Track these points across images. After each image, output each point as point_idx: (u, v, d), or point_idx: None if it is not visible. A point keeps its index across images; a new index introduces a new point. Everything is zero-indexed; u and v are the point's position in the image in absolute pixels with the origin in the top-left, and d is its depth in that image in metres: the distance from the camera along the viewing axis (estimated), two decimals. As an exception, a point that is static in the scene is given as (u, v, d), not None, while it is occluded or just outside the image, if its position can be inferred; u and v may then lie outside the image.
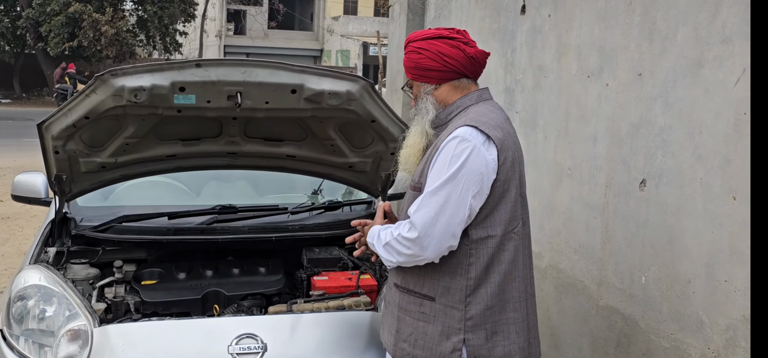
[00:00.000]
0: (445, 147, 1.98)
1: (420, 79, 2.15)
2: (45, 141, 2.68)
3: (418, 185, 2.06)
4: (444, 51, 2.09)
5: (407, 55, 2.16)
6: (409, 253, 2.00)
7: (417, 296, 2.08)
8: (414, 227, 1.96)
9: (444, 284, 2.03)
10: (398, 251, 2.03)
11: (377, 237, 2.15)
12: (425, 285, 2.06)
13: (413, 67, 2.15)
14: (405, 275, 2.11)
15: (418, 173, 2.09)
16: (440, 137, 2.04)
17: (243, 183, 3.79)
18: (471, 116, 2.02)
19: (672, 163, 2.57)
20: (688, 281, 2.49)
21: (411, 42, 2.16)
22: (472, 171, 1.94)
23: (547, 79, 3.46)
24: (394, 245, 2.04)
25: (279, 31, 37.39)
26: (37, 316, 2.46)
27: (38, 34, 23.57)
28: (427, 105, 2.13)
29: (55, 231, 3.02)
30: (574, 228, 3.23)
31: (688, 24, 2.48)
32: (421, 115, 2.14)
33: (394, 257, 2.06)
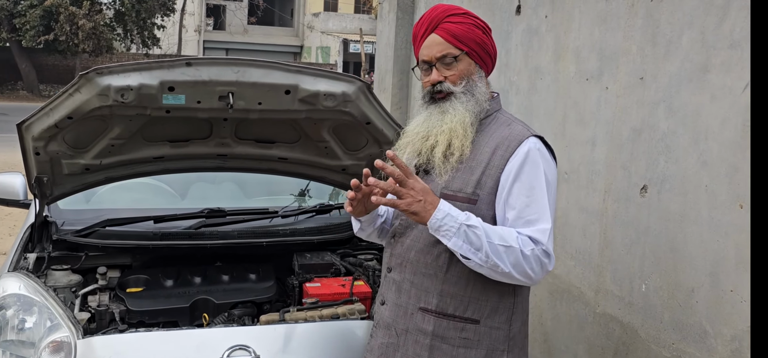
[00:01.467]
0: (527, 160, 1.81)
1: (478, 60, 1.91)
2: (25, 142, 2.55)
3: (474, 196, 1.84)
4: (497, 49, 2.00)
5: (468, 26, 1.88)
6: (533, 275, 1.78)
7: (459, 321, 1.88)
8: (550, 254, 1.80)
9: (492, 305, 1.88)
10: (521, 266, 1.75)
11: (480, 223, 1.76)
12: (470, 307, 1.87)
13: (478, 42, 1.89)
14: (442, 298, 1.88)
15: (468, 183, 1.85)
16: (497, 144, 1.86)
17: (230, 185, 3.69)
18: (522, 125, 1.91)
19: (675, 170, 2.52)
20: (691, 289, 2.44)
21: (470, 15, 1.92)
22: (555, 182, 1.88)
23: (543, 82, 3.40)
24: (523, 258, 1.75)
25: (259, 27, 37.14)
26: (17, 327, 2.34)
27: (12, 26, 23.09)
28: (485, 91, 1.92)
29: (35, 236, 2.89)
30: (571, 233, 3.18)
31: (694, 27, 2.43)
32: (474, 102, 1.87)
33: (507, 267, 1.75)
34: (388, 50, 5.37)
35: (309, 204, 3.53)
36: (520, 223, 1.81)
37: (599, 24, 2.96)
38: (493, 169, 1.84)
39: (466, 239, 1.75)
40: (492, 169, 1.84)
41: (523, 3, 3.60)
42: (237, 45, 34.54)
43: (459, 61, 1.88)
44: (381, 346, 2.00)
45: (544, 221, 1.80)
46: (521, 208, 1.80)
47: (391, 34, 5.30)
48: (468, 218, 1.77)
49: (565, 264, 3.23)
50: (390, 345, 1.97)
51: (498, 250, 1.74)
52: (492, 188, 1.84)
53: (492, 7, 3.90)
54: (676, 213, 2.51)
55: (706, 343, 2.38)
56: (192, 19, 33.75)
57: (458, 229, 1.75)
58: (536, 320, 3.45)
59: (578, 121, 3.11)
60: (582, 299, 3.11)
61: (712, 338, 2.36)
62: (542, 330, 3.43)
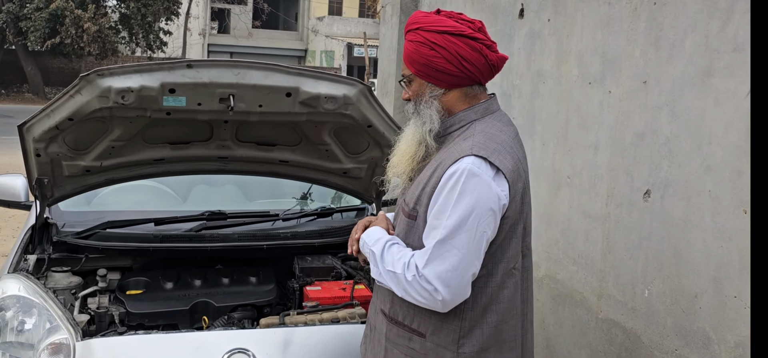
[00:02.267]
0: (449, 181, 1.72)
1: (428, 79, 1.83)
2: (26, 143, 2.55)
3: (414, 212, 1.83)
4: (464, 54, 1.78)
5: (414, 45, 1.82)
6: (423, 301, 1.75)
7: (406, 330, 1.86)
8: (430, 281, 1.71)
9: (435, 323, 1.81)
10: (409, 293, 1.76)
11: (382, 253, 1.85)
12: (415, 319, 1.84)
13: (422, 63, 1.81)
14: (393, 304, 1.88)
15: (412, 198, 1.85)
16: (440, 162, 1.79)
17: (231, 188, 3.68)
18: (477, 140, 1.76)
19: (678, 174, 2.50)
20: (694, 295, 2.42)
21: (421, 30, 1.81)
22: (484, 211, 1.70)
23: (545, 85, 3.39)
24: (406, 283, 1.75)
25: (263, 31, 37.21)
26: (16, 328, 2.33)
27: (18, 29, 23.17)
28: (432, 112, 1.83)
29: (36, 237, 2.89)
30: (573, 238, 3.16)
31: (698, 31, 2.41)
32: (421, 122, 1.85)
33: (400, 292, 1.79)
34: (391, 54, 5.36)
35: (310, 207, 3.52)
36: (424, 243, 1.79)
37: (602, 27, 2.95)
38: (429, 187, 1.79)
39: (374, 264, 1.89)
40: (428, 186, 1.79)
41: (525, 6, 3.58)
42: (241, 48, 34.61)
43: (412, 81, 1.88)
44: (364, 336, 2.12)
45: (429, 242, 1.74)
46: (428, 230, 1.77)
47: (393, 37, 5.30)
48: (375, 243, 1.89)
49: (568, 269, 3.21)
50: (367, 337, 2.08)
51: (389, 275, 1.82)
52: (426, 206, 1.79)
53: (495, 11, 3.89)
54: (679, 218, 2.49)
55: (709, 349, 2.36)
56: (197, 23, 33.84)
57: (369, 254, 1.92)
58: (538, 325, 3.43)
59: (581, 125, 3.10)
60: (584, 304, 3.08)
61: (715, 345, 2.34)
62: (544, 335, 3.41)
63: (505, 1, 3.79)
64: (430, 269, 1.72)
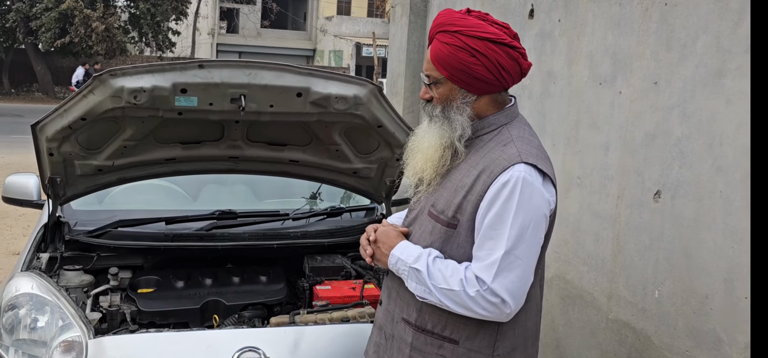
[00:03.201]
0: (504, 189, 1.68)
1: (462, 85, 1.76)
2: (39, 142, 2.57)
3: (454, 220, 1.76)
4: (503, 63, 1.73)
5: (450, 49, 1.73)
6: (486, 314, 1.70)
7: (436, 338, 1.81)
8: (498, 294, 1.68)
9: (472, 328, 1.78)
10: (470, 308, 1.70)
11: (428, 270, 1.74)
12: (448, 327, 1.79)
13: (460, 69, 1.74)
14: (422, 313, 1.82)
15: (449, 205, 1.77)
16: (483, 168, 1.73)
17: (242, 187, 3.69)
18: (520, 147, 1.74)
19: (689, 175, 2.50)
20: (705, 296, 2.42)
21: (459, 33, 1.73)
22: (539, 218, 1.70)
23: (556, 86, 3.38)
24: (468, 299, 1.69)
25: (272, 31, 37.29)
26: (29, 326, 2.35)
27: (28, 28, 23.32)
28: (464, 119, 1.77)
29: (48, 236, 2.91)
30: (583, 239, 3.16)
31: (709, 32, 2.40)
32: (450, 128, 1.78)
33: (456, 308, 1.72)
34: (401, 54, 5.37)
35: (320, 207, 3.53)
36: (478, 254, 1.73)
37: (613, 28, 2.94)
38: (474, 195, 1.73)
39: (418, 281, 1.77)
40: (473, 195, 1.74)
41: (536, 7, 3.58)
42: (250, 48, 34.70)
43: (441, 84, 1.79)
44: (375, 344, 2.02)
45: (495, 253, 1.68)
46: (482, 240, 1.71)
47: (403, 37, 5.30)
48: (416, 260, 1.77)
49: (578, 269, 3.21)
50: (381, 345, 1.98)
51: (443, 293, 1.73)
52: (471, 215, 1.74)
53: (505, 11, 3.89)
54: (690, 219, 2.49)
55: (720, 351, 2.35)
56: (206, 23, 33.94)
57: (409, 272, 1.79)
58: (548, 326, 3.42)
59: (591, 125, 3.09)
60: (594, 304, 3.08)
61: (726, 346, 2.33)
62: (554, 336, 3.41)
63: (515, 1, 3.79)
64: (498, 283, 1.68)
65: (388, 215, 3.31)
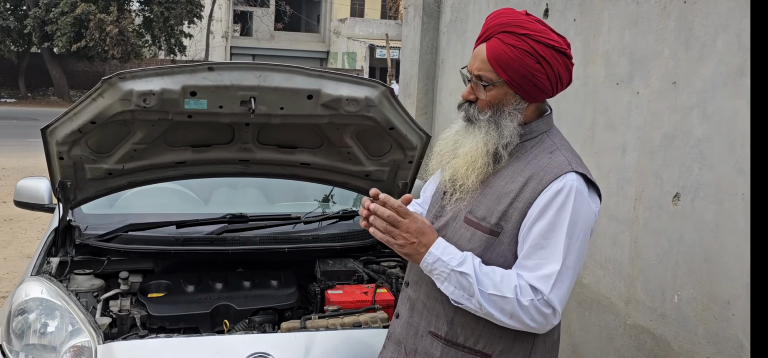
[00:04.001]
0: (556, 198, 1.64)
1: (518, 92, 1.68)
2: (49, 146, 2.56)
3: (497, 228, 1.69)
4: (562, 74, 1.69)
5: (516, 52, 1.64)
6: (533, 325, 1.64)
7: (468, 352, 1.75)
8: (554, 306, 1.63)
9: (506, 343, 1.73)
10: (518, 317, 1.63)
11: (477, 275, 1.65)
12: (481, 340, 1.74)
13: (523, 75, 1.65)
14: (453, 326, 1.76)
15: (492, 213, 1.71)
16: (531, 175, 1.68)
17: (253, 190, 3.67)
18: (568, 155, 1.71)
19: (710, 177, 2.43)
20: (727, 301, 2.35)
21: (527, 37, 1.64)
22: (587, 229, 1.67)
23: (571, 86, 3.30)
24: (519, 308, 1.62)
25: (285, 33, 37.37)
26: (39, 331, 2.34)
27: (44, 33, 23.55)
28: (514, 126, 1.70)
29: (59, 240, 2.90)
30: (600, 242, 3.10)
31: (730, 30, 2.34)
32: (497, 133, 1.70)
33: (501, 316, 1.64)
34: (414, 55, 5.32)
35: (332, 210, 3.49)
36: (528, 264, 1.66)
37: (630, 27, 2.88)
38: (521, 202, 1.68)
39: (458, 285, 1.67)
40: (520, 202, 1.68)
41: (550, 6, 3.52)
42: (264, 51, 34.80)
43: (495, 86, 1.69)
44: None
45: (551, 265, 1.62)
46: (533, 249, 1.65)
47: (416, 39, 5.26)
48: (461, 264, 1.66)
49: (594, 273, 3.15)
50: None
51: (491, 299, 1.64)
52: (517, 222, 1.68)
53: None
54: (711, 222, 2.42)
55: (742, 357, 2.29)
56: (219, 26, 34.11)
57: (449, 275, 1.67)
58: (564, 331, 3.36)
59: (608, 126, 3.03)
60: (612, 309, 3.02)
61: (748, 353, 2.26)
62: (570, 341, 3.35)
63: (529, 1, 3.73)
64: (555, 294, 1.62)
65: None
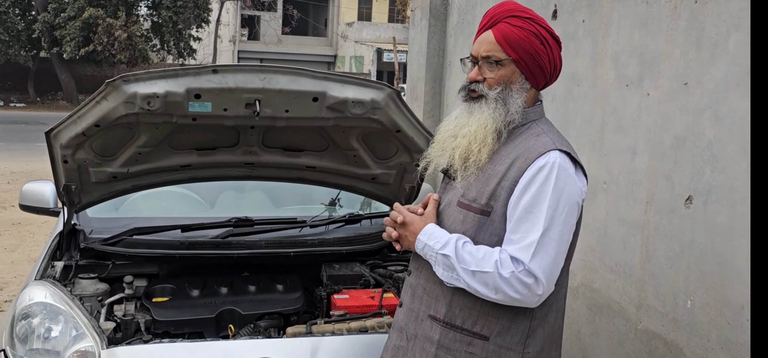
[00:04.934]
0: (539, 173, 1.70)
1: (524, 71, 1.78)
2: (53, 150, 2.54)
3: (487, 208, 1.76)
4: (558, 63, 1.83)
5: (524, 33, 1.75)
6: (517, 297, 1.69)
7: (466, 334, 1.79)
8: (535, 275, 1.67)
9: (503, 323, 1.77)
10: (502, 289, 1.69)
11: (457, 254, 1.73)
12: (478, 322, 1.78)
13: (531, 54, 1.76)
14: (451, 308, 1.80)
15: (482, 193, 1.77)
16: (517, 156, 1.76)
17: (259, 194, 3.64)
18: (553, 137, 1.78)
19: (722, 180, 2.39)
20: (741, 306, 2.30)
21: (533, 21, 1.78)
22: (572, 204, 1.73)
23: (580, 88, 3.29)
24: (500, 281, 1.68)
25: (293, 37, 37.44)
26: (43, 335, 2.32)
27: (53, 37, 23.67)
28: (519, 104, 1.78)
29: (63, 244, 2.88)
30: (610, 246, 3.05)
31: (742, 30, 2.30)
32: (504, 111, 1.77)
33: (486, 291, 1.71)
34: (421, 58, 5.30)
35: (338, 214, 3.46)
36: (512, 238, 1.73)
37: (639, 28, 2.84)
38: (508, 181, 1.75)
39: (445, 267, 1.76)
40: (507, 181, 1.75)
41: (559, 7, 3.49)
42: (271, 55, 34.85)
43: (503, 65, 1.78)
44: (393, 347, 1.97)
45: (532, 235, 1.68)
46: (518, 222, 1.72)
47: (423, 41, 5.23)
48: (444, 246, 1.76)
49: (605, 278, 3.10)
50: (400, 348, 1.94)
51: (474, 276, 1.72)
52: (505, 200, 1.75)
53: (527, 12, 3.80)
54: (724, 225, 2.38)
55: (756, 364, 2.24)
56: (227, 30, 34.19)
57: (436, 257, 1.78)
58: (574, 336, 3.32)
59: (617, 128, 2.99)
60: (622, 314, 2.97)
61: (763, 359, 2.21)
62: (580, 346, 3.30)
63: (538, 2, 3.70)
64: (535, 263, 1.68)
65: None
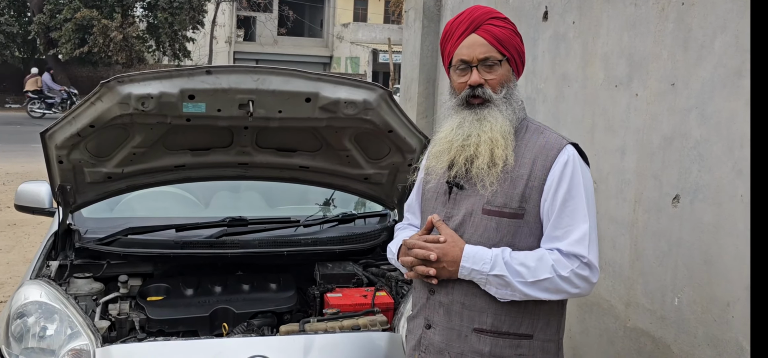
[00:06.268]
0: (566, 168, 1.77)
1: (514, 68, 1.86)
2: (49, 150, 2.57)
3: (520, 210, 1.78)
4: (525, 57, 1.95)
5: (509, 32, 1.83)
6: (577, 292, 1.77)
7: (514, 338, 1.81)
8: (593, 266, 1.76)
9: (544, 318, 1.83)
10: (564, 289, 1.75)
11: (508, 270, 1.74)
12: (523, 323, 1.81)
13: (517, 49, 1.85)
14: (498, 316, 1.80)
15: (511, 197, 1.78)
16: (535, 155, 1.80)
17: (253, 194, 3.67)
18: (553, 132, 1.88)
19: (709, 179, 2.42)
20: (727, 304, 2.34)
21: (508, 20, 1.86)
22: (592, 191, 1.84)
23: (570, 89, 3.32)
24: (562, 282, 1.73)
25: (288, 38, 37.44)
26: (38, 334, 2.35)
27: (49, 39, 23.63)
28: (519, 99, 1.86)
29: (59, 244, 2.91)
30: (600, 245, 3.03)
31: (728, 31, 2.34)
32: (514, 108, 1.83)
33: (548, 295, 1.75)
34: (414, 59, 5.32)
35: (332, 213, 3.49)
36: (557, 234, 1.78)
37: (628, 29, 2.88)
38: (535, 180, 1.79)
39: (498, 285, 1.77)
40: (535, 180, 1.79)
41: (549, 9, 3.52)
42: (267, 56, 34.84)
43: (501, 65, 1.83)
44: None
45: (579, 228, 1.76)
46: (559, 218, 1.77)
47: (417, 42, 5.26)
48: (493, 267, 1.75)
49: (594, 276, 3.13)
50: None
51: (533, 286, 1.75)
52: (537, 200, 1.80)
53: (518, 14, 3.83)
54: (710, 224, 2.41)
55: (742, 360, 2.28)
56: (223, 31, 34.17)
57: (487, 279, 1.77)
58: (564, 334, 3.34)
59: (607, 129, 3.03)
60: (612, 312, 3.01)
61: (748, 355, 2.25)
62: (571, 344, 3.34)
63: (528, 4, 3.73)
64: (592, 252, 1.77)
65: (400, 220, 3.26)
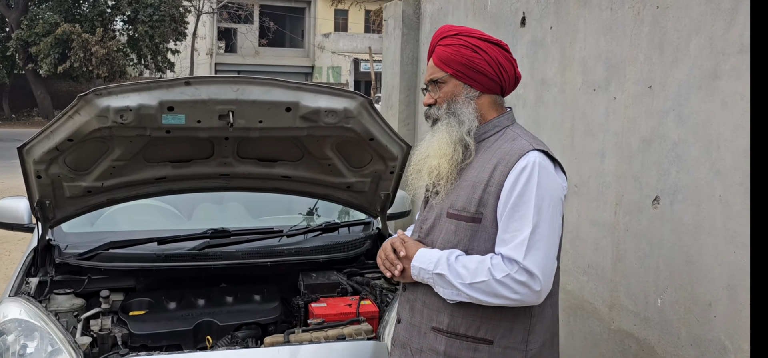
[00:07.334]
0: (522, 175, 1.77)
1: (465, 81, 1.87)
2: (27, 165, 2.53)
3: (477, 215, 1.81)
4: (502, 62, 1.88)
5: (453, 48, 1.88)
6: (517, 298, 1.74)
7: (471, 341, 1.83)
8: (531, 271, 1.73)
9: (506, 325, 1.82)
10: (501, 294, 1.74)
11: (451, 270, 1.80)
12: (482, 327, 1.82)
13: (463, 63, 1.86)
14: (454, 317, 1.84)
15: (470, 202, 1.83)
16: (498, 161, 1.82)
17: (236, 205, 3.65)
18: (529, 139, 1.86)
19: (688, 180, 2.45)
20: (708, 303, 2.36)
21: (461, 35, 1.89)
22: (556, 200, 1.80)
23: (549, 93, 3.35)
24: (498, 286, 1.73)
25: (270, 49, 37.35)
26: (18, 352, 2.30)
27: (28, 54, 23.38)
28: (470, 111, 1.87)
29: (38, 260, 2.87)
30: (582, 248, 3.11)
31: (702, 33, 2.37)
32: (456, 122, 1.87)
33: (488, 299, 1.76)
34: (395, 67, 5.34)
35: (316, 223, 3.48)
36: (504, 238, 1.79)
37: (605, 33, 2.91)
38: (493, 186, 1.81)
39: (443, 285, 1.83)
40: (492, 186, 1.81)
41: (527, 15, 3.55)
42: (249, 67, 34.74)
43: (445, 83, 1.90)
44: None
45: (522, 233, 1.74)
46: (508, 223, 1.78)
47: (396, 50, 5.27)
48: (436, 265, 1.82)
49: (578, 279, 3.15)
50: None
51: (472, 287, 1.77)
52: (494, 206, 1.81)
53: (497, 21, 3.86)
54: (690, 224, 2.44)
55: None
56: (204, 43, 34.03)
57: (433, 279, 1.84)
58: (549, 338, 3.36)
59: (586, 132, 3.05)
60: (596, 315, 3.02)
61: (731, 354, 2.27)
62: (555, 348, 3.35)
63: (506, 11, 3.76)
64: (529, 260, 1.73)
65: (384, 229, 3.26)
